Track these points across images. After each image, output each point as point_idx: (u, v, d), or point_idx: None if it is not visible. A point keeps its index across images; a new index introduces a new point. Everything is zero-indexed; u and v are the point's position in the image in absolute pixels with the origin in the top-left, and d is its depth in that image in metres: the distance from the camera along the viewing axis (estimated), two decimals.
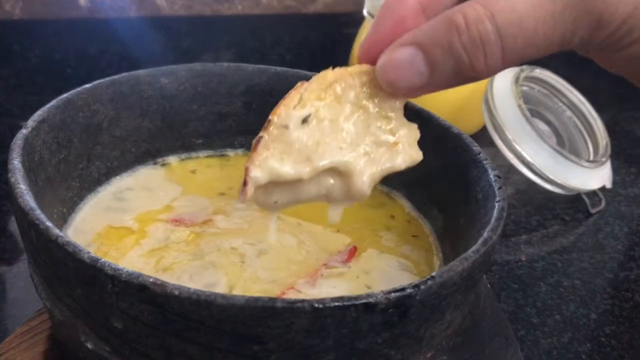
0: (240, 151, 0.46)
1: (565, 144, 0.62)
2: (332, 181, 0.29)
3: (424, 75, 0.25)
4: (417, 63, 0.25)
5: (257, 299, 0.24)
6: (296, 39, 0.78)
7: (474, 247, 0.28)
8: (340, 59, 0.70)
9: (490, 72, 0.25)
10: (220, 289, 0.33)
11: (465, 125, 0.60)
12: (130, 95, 0.41)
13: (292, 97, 0.28)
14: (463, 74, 0.25)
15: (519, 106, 0.56)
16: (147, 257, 0.35)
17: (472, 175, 0.36)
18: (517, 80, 0.58)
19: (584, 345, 0.44)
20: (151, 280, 0.24)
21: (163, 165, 0.44)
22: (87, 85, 0.39)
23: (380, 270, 0.36)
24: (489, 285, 0.44)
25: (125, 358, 0.27)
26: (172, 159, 0.44)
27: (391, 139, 0.29)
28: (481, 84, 0.60)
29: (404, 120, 0.29)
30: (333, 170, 0.29)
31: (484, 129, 0.61)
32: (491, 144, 0.57)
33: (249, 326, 0.24)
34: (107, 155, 0.41)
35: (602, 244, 0.55)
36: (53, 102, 0.36)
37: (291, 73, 0.44)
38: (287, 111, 0.27)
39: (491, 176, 0.34)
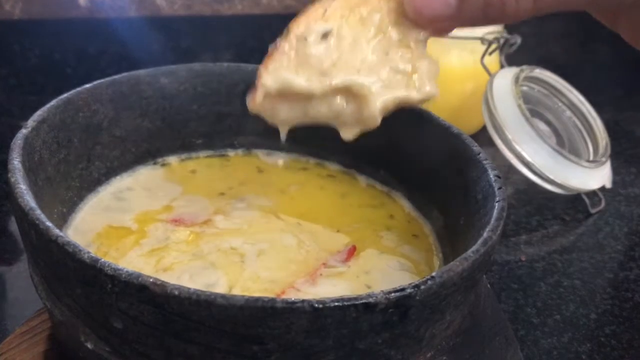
0: (240, 151, 0.46)
1: (565, 144, 0.62)
2: (343, 102, 0.29)
3: (452, 7, 0.25)
4: None
5: (257, 299, 0.24)
6: None
7: (474, 247, 0.28)
8: None
9: (518, 16, 0.24)
10: (220, 288, 0.33)
11: (465, 125, 0.60)
12: (130, 95, 0.41)
13: (316, 9, 0.27)
14: (491, 14, 0.24)
15: (519, 106, 0.56)
16: (147, 257, 0.35)
17: (472, 175, 0.36)
18: (517, 80, 0.58)
19: (584, 345, 0.44)
20: (151, 280, 0.24)
21: (163, 165, 0.44)
22: (87, 85, 0.39)
23: (380, 270, 0.36)
24: (489, 285, 0.44)
25: (125, 358, 0.27)
26: (172, 159, 0.44)
27: (409, 68, 0.28)
28: (481, 84, 0.60)
29: (426, 53, 0.29)
30: (346, 91, 0.28)
31: (483, 129, 0.61)
32: (491, 143, 0.57)
33: (249, 326, 0.24)
34: (107, 155, 0.41)
35: (602, 244, 0.55)
36: (53, 102, 0.36)
37: None
38: (309, 23, 0.27)
39: (491, 176, 0.34)
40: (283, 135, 0.31)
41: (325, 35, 0.27)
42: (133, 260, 0.35)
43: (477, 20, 0.25)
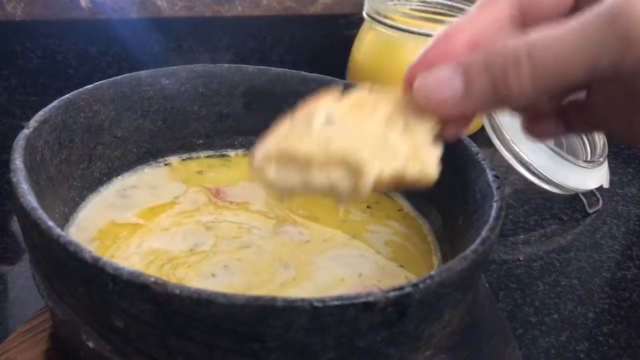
0: (240, 151, 0.46)
1: (563, 144, 0.62)
2: (340, 174, 0.28)
3: (458, 90, 0.26)
4: (454, 79, 0.26)
5: (258, 298, 0.24)
6: (296, 40, 0.78)
7: (473, 247, 0.29)
8: (339, 60, 0.70)
9: (522, 91, 0.25)
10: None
11: None
12: (132, 96, 0.41)
13: (325, 98, 0.28)
14: (498, 91, 0.25)
15: None
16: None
17: (471, 175, 0.36)
18: None
19: (582, 344, 0.44)
20: (152, 279, 0.24)
21: (165, 165, 0.44)
22: (88, 86, 0.39)
23: (380, 269, 0.37)
24: (487, 285, 0.44)
25: (126, 357, 0.27)
26: (173, 159, 0.45)
27: (411, 150, 0.28)
28: None
29: (429, 139, 0.29)
30: (343, 163, 0.28)
31: (482, 130, 0.61)
32: (489, 144, 0.57)
33: (249, 325, 0.24)
34: (108, 155, 0.41)
35: (599, 243, 0.55)
36: (55, 103, 0.36)
37: (291, 74, 0.45)
38: (316, 106, 0.28)
39: (489, 176, 0.35)
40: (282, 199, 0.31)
41: (329, 120, 0.28)
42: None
43: (485, 101, 0.26)
